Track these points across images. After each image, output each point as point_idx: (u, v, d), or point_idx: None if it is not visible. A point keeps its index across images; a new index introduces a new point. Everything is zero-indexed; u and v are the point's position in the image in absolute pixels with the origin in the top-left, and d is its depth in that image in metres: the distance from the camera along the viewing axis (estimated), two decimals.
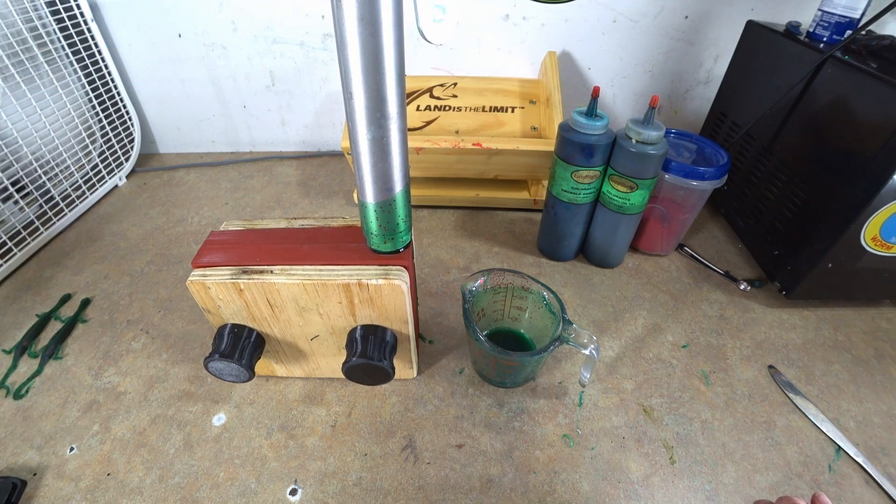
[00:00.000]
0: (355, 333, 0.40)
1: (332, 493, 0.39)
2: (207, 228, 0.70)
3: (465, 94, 0.73)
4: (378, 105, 0.28)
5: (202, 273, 0.38)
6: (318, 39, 0.78)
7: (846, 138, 0.50)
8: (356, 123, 0.29)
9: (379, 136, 0.30)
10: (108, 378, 0.49)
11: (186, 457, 0.42)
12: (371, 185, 0.33)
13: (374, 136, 0.30)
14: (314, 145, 0.93)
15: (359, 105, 0.28)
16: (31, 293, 0.59)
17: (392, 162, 0.32)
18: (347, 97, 0.28)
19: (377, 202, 0.34)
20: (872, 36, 0.53)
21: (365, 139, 0.30)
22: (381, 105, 0.28)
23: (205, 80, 0.83)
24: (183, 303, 0.57)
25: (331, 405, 0.46)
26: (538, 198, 0.72)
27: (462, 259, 0.64)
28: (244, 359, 0.39)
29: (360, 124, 0.29)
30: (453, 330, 0.54)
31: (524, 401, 0.46)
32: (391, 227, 0.36)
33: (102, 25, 0.77)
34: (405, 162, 0.33)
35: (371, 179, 0.33)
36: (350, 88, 0.27)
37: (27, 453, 0.42)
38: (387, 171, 0.32)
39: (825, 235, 0.51)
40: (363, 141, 0.30)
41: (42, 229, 0.66)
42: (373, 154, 0.31)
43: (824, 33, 0.56)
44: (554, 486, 0.40)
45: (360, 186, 0.34)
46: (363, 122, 0.29)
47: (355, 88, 0.27)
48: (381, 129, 0.29)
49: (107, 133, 0.80)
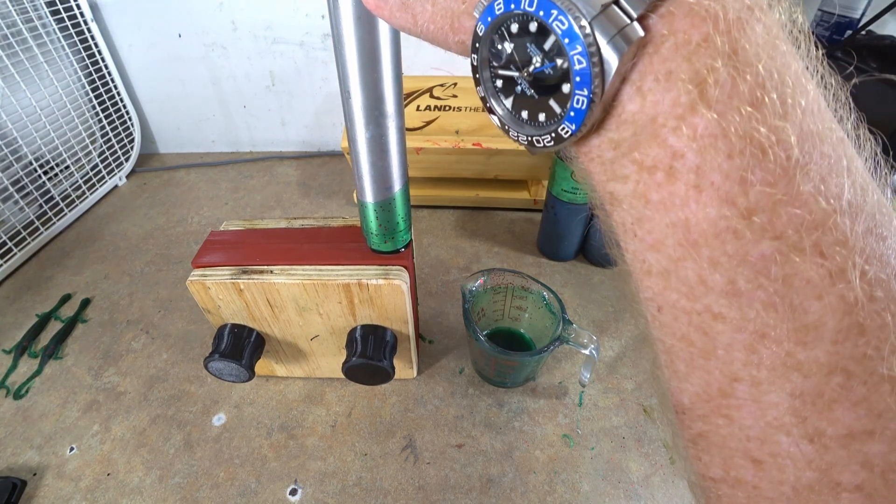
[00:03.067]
0: (355, 333, 0.40)
1: (332, 493, 0.39)
2: (207, 228, 0.70)
3: (465, 94, 0.73)
4: (376, 103, 0.28)
5: (202, 273, 0.38)
6: (319, 39, 0.78)
7: None
8: (354, 122, 0.29)
9: (377, 135, 0.30)
10: (108, 378, 0.49)
11: (186, 457, 0.42)
12: (370, 184, 0.33)
13: (372, 135, 0.30)
14: (314, 145, 0.93)
15: (356, 103, 0.28)
16: (31, 293, 0.59)
17: (391, 160, 0.32)
18: (345, 96, 0.28)
19: (376, 201, 0.34)
20: (872, 36, 0.53)
21: (363, 138, 0.30)
22: (379, 103, 0.28)
23: (205, 80, 0.83)
24: (183, 303, 0.57)
25: (331, 405, 0.46)
26: (538, 198, 0.72)
27: (462, 259, 0.64)
28: (244, 359, 0.39)
29: (358, 123, 0.29)
30: (453, 330, 0.54)
31: (524, 401, 0.46)
32: (391, 226, 0.36)
33: (102, 25, 0.77)
34: (404, 161, 0.33)
35: (370, 179, 0.33)
36: (348, 87, 0.27)
37: (27, 453, 0.42)
38: (385, 169, 0.32)
39: None
40: (361, 140, 0.30)
41: (42, 229, 0.66)
42: (371, 153, 0.31)
43: (824, 33, 0.56)
44: (554, 486, 0.40)
45: (359, 186, 0.34)
46: (361, 121, 0.29)
47: (353, 87, 0.27)
48: (380, 127, 0.29)
49: (107, 133, 0.80)
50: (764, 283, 0.11)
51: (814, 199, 0.11)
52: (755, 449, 0.12)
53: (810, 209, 0.11)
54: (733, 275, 0.11)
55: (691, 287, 0.12)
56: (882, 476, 0.11)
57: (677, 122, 0.11)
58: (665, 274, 0.12)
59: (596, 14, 0.11)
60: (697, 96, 0.11)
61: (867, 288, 0.11)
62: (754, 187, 0.11)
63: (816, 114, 0.11)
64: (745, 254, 0.11)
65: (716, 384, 0.12)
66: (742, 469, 0.12)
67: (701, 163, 0.11)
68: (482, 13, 0.13)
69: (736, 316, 0.11)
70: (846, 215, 0.11)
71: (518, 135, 0.15)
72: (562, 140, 0.13)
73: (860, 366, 0.11)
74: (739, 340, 0.12)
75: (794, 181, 0.10)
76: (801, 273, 0.11)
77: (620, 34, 0.11)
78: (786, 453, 0.12)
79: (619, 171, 0.13)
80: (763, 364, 0.11)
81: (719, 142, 0.11)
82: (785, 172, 0.10)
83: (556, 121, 0.13)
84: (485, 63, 0.14)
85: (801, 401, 0.11)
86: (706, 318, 0.12)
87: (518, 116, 0.15)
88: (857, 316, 0.11)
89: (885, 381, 0.10)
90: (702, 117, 0.11)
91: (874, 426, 0.11)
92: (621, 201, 0.13)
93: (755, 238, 0.11)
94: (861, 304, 0.11)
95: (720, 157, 0.11)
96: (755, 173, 0.11)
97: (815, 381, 0.11)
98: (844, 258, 0.11)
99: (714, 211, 0.11)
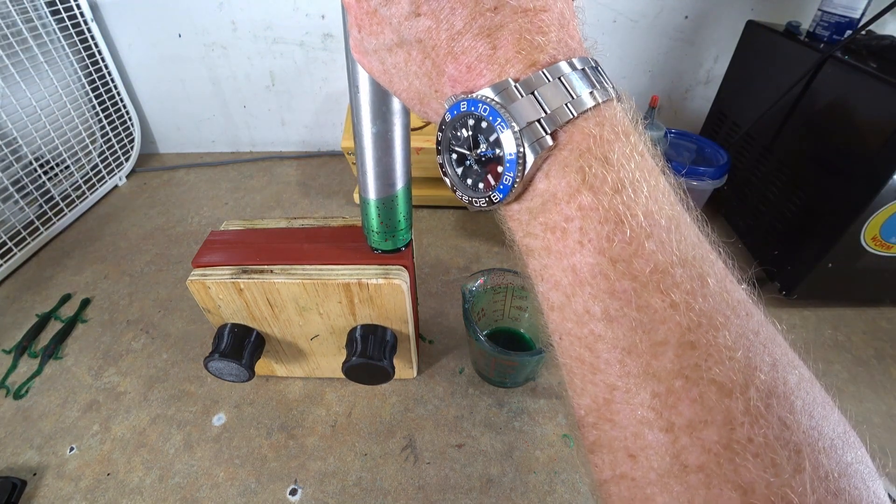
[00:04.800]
0: (355, 333, 0.40)
1: (332, 493, 0.39)
2: (207, 228, 0.70)
3: None
4: (384, 98, 0.28)
5: (202, 273, 0.38)
6: (318, 39, 0.78)
7: (846, 138, 0.50)
8: (361, 118, 0.30)
9: (384, 131, 0.30)
10: (108, 378, 0.49)
11: (186, 457, 0.42)
12: (373, 180, 0.33)
13: (378, 131, 0.30)
14: (314, 145, 0.93)
15: (364, 98, 0.28)
16: (31, 293, 0.59)
17: (395, 157, 0.32)
18: (353, 90, 0.28)
19: (379, 198, 0.34)
20: (872, 36, 0.53)
21: (369, 133, 0.30)
22: (387, 98, 0.29)
23: (205, 80, 0.83)
24: (183, 303, 0.57)
25: (331, 405, 0.46)
26: None
27: (462, 259, 0.64)
28: (244, 359, 0.39)
29: (364, 118, 0.29)
30: (453, 330, 0.54)
31: (524, 401, 0.46)
32: (392, 224, 0.36)
33: (102, 25, 0.77)
34: (407, 158, 0.33)
35: (374, 175, 0.33)
36: (357, 82, 0.28)
37: (27, 453, 0.42)
38: (390, 166, 0.33)
39: (825, 235, 0.51)
40: (367, 135, 0.30)
41: (42, 229, 0.66)
42: (377, 149, 0.31)
43: (824, 33, 0.56)
44: (554, 486, 0.40)
45: (362, 182, 0.34)
46: (368, 116, 0.29)
47: (361, 82, 0.28)
48: (386, 123, 0.30)
49: (107, 133, 0.80)
50: (627, 311, 0.15)
51: (655, 254, 0.15)
52: (631, 444, 0.15)
53: (653, 260, 0.15)
54: (607, 305, 0.15)
55: (580, 316, 0.16)
56: (716, 457, 0.14)
57: (569, 197, 0.16)
58: (562, 308, 0.17)
59: (524, 126, 0.16)
60: (581, 182, 0.16)
61: (694, 317, 0.15)
62: (616, 244, 0.15)
63: (658, 196, 0.16)
64: (612, 289, 0.15)
65: (601, 394, 0.16)
66: (623, 465, 0.16)
67: (583, 225, 0.16)
68: (451, 106, 0.18)
69: (611, 336, 0.16)
70: (678, 265, 0.15)
71: (462, 195, 0.20)
72: (492, 203, 0.18)
73: (694, 372, 0.14)
74: (614, 356, 0.15)
75: (642, 241, 0.15)
76: (651, 304, 0.15)
77: (538, 141, 0.16)
78: (650, 444, 0.15)
79: (531, 230, 0.18)
80: (631, 373, 0.15)
81: (594, 212, 0.16)
82: (636, 235, 0.15)
83: (491, 189, 0.18)
84: (446, 140, 0.19)
85: (658, 400, 0.15)
86: (591, 339, 0.16)
87: (465, 182, 0.20)
88: (689, 336, 0.15)
89: (710, 383, 0.14)
90: (584, 196, 0.16)
91: (707, 417, 0.14)
92: (533, 251, 0.18)
93: (618, 278, 0.15)
94: (691, 328, 0.15)
95: (595, 222, 0.16)
96: (616, 234, 0.15)
97: (666, 384, 0.15)
98: (678, 295, 0.15)
99: (592, 259, 0.16)
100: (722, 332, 0.15)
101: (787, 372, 0.15)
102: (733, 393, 0.14)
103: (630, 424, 0.15)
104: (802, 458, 0.13)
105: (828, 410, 0.15)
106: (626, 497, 0.16)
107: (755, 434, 0.13)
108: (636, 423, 0.15)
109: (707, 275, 0.16)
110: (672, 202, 0.17)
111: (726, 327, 0.15)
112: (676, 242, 0.16)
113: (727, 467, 0.14)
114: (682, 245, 0.16)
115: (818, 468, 0.13)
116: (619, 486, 0.16)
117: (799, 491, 0.13)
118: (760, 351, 0.15)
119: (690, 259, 0.16)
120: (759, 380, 0.14)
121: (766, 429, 0.14)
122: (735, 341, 0.15)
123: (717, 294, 0.15)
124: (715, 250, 0.17)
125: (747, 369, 0.14)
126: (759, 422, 0.14)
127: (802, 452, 0.13)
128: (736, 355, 0.14)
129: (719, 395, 0.14)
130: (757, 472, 0.13)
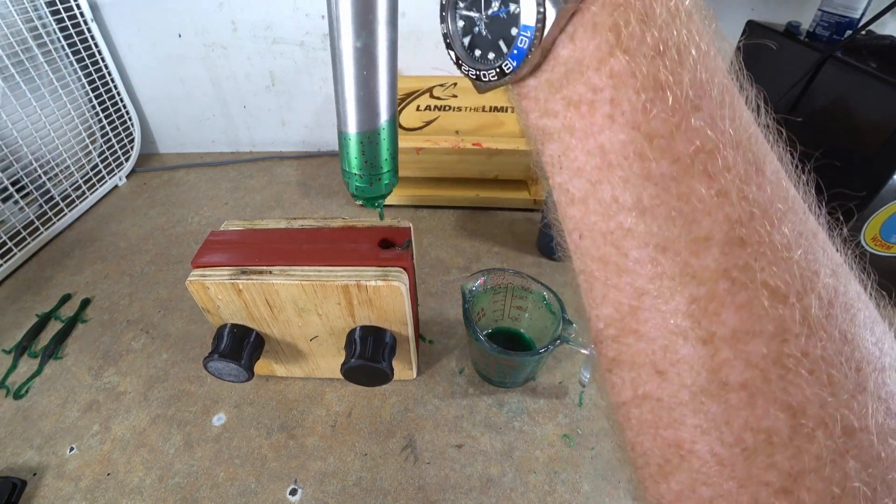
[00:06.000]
0: (354, 334, 0.40)
1: (332, 493, 0.39)
2: (207, 228, 0.70)
3: (466, 95, 0.73)
4: (369, 5, 0.24)
5: (202, 273, 0.38)
6: (319, 39, 0.78)
7: (846, 138, 0.50)
8: (341, 31, 0.25)
9: (369, 45, 0.25)
10: (108, 378, 0.49)
11: (186, 457, 0.42)
12: (355, 109, 0.29)
13: (364, 44, 0.25)
14: (314, 145, 0.93)
15: (345, 5, 0.24)
16: (31, 293, 0.59)
17: (380, 80, 0.27)
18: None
19: (361, 131, 0.30)
20: (872, 36, 0.53)
21: (351, 49, 0.26)
22: (372, 5, 0.24)
23: (205, 80, 0.83)
24: (183, 303, 0.57)
25: (331, 405, 0.46)
26: (538, 198, 0.72)
27: (462, 259, 0.64)
28: (243, 359, 0.39)
29: (345, 29, 0.25)
30: (453, 330, 0.54)
31: (524, 401, 0.46)
32: (376, 164, 0.32)
33: (102, 25, 0.77)
34: (394, 84, 0.29)
35: (355, 101, 0.28)
36: None
37: (27, 453, 0.42)
38: (374, 91, 0.28)
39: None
40: (348, 51, 0.26)
41: (42, 229, 0.66)
42: (361, 66, 0.26)
43: (824, 33, 0.56)
44: (554, 486, 0.40)
45: (342, 112, 0.29)
46: (349, 28, 0.25)
47: None
48: (373, 35, 0.25)
49: (107, 133, 0.80)
50: (664, 199, 0.13)
51: (703, 131, 0.13)
52: (659, 360, 0.13)
53: (700, 138, 0.12)
54: (640, 192, 0.13)
55: (607, 206, 0.14)
56: (763, 374, 0.12)
57: (598, 63, 0.13)
58: (584, 199, 0.14)
59: None
60: (615, 43, 0.13)
61: (747, 207, 0.12)
62: (655, 117, 0.13)
63: (708, 64, 0.13)
64: (648, 172, 0.13)
65: (627, 301, 0.14)
66: (648, 384, 0.14)
67: (615, 95, 0.13)
68: None
69: (643, 230, 0.13)
70: (730, 147, 0.13)
71: (469, 69, 0.17)
72: (504, 75, 0.15)
73: (742, 273, 0.12)
74: (646, 254, 0.13)
75: (687, 114, 0.13)
76: (694, 191, 0.12)
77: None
78: (683, 359, 0.13)
79: (550, 108, 0.15)
80: (665, 274, 0.13)
81: (629, 79, 0.13)
82: (680, 107, 0.13)
83: (502, 58, 0.15)
84: (452, 4, 0.17)
85: (696, 305, 0.13)
86: (618, 234, 0.14)
87: (472, 53, 0.17)
88: (739, 231, 0.12)
89: (762, 286, 0.12)
90: (617, 60, 0.13)
91: (754, 327, 0.12)
92: (551, 134, 0.15)
93: (656, 158, 0.13)
94: (742, 221, 0.12)
95: (629, 91, 0.13)
96: (656, 105, 0.13)
97: (707, 288, 0.12)
98: (728, 181, 0.12)
99: (624, 136, 0.13)
100: (779, 227, 0.12)
101: (849, 279, 0.13)
102: (788, 299, 0.12)
103: (660, 336, 0.13)
104: (864, 376, 0.12)
105: (885, 328, 0.13)
106: (649, 420, 0.14)
107: (811, 348, 0.12)
108: (667, 333, 0.13)
109: (764, 161, 0.13)
110: (725, 72, 0.14)
111: (783, 223, 0.12)
112: (729, 120, 0.13)
113: (776, 385, 0.12)
114: (735, 123, 0.13)
115: (880, 388, 0.12)
116: (640, 407, 0.14)
117: (859, 413, 0.11)
118: (820, 255, 0.13)
119: (745, 141, 0.13)
120: (819, 285, 0.12)
121: (826, 342, 0.12)
122: (794, 240, 0.12)
123: (775, 184, 0.13)
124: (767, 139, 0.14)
125: (807, 273, 0.12)
126: (819, 333, 0.12)
127: (864, 371, 0.12)
128: (794, 255, 0.12)
129: (772, 301, 0.12)
130: (811, 390, 0.11)
